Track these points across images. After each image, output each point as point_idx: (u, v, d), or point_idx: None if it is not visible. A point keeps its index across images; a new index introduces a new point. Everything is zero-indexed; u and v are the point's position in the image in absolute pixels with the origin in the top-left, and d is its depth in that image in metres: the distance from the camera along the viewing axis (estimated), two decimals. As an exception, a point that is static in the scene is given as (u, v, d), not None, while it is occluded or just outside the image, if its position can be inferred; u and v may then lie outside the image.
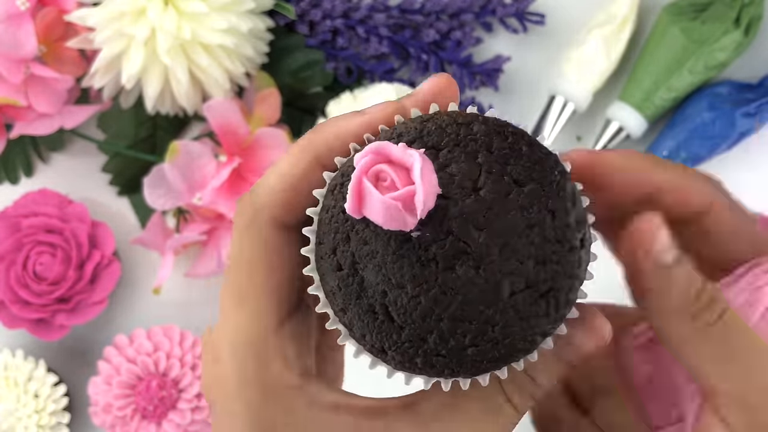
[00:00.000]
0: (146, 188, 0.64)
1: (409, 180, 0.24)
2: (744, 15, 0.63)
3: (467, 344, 0.25)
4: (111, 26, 0.60)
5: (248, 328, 0.29)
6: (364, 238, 0.26)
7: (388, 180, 0.24)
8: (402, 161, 0.24)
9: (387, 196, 0.24)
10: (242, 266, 0.29)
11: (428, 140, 0.27)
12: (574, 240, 0.27)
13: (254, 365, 0.28)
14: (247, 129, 0.64)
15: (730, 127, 0.63)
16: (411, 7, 0.67)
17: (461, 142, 0.27)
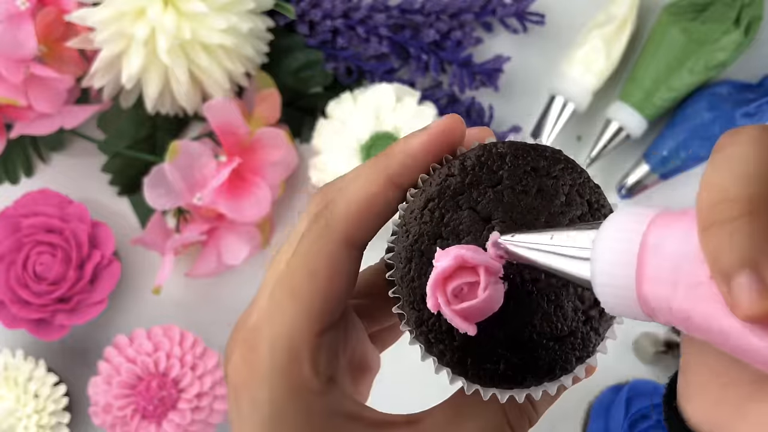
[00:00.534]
0: (146, 188, 0.64)
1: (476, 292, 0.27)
2: (744, 15, 0.63)
3: (517, 362, 0.29)
4: (111, 26, 0.60)
5: (294, 326, 0.30)
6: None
7: (463, 289, 0.27)
8: (473, 270, 0.27)
9: (451, 308, 0.27)
10: (305, 268, 0.30)
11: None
12: None
13: (288, 362, 0.29)
14: (247, 129, 0.64)
15: (730, 127, 0.63)
16: (411, 7, 0.67)
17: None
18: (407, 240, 0.29)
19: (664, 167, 0.65)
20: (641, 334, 0.66)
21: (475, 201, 0.29)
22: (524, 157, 0.29)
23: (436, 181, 0.29)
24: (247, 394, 0.30)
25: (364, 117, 0.63)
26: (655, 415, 0.60)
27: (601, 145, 0.66)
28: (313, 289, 0.30)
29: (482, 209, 0.28)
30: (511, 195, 0.29)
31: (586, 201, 0.29)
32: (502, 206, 0.28)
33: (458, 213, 0.29)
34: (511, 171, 0.29)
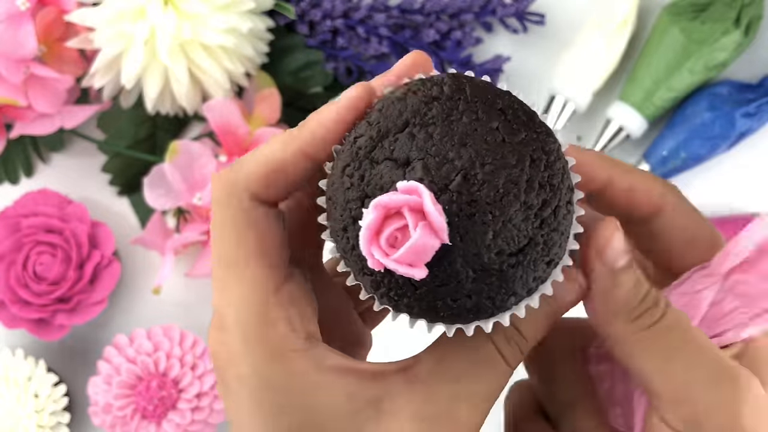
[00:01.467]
0: (146, 188, 0.64)
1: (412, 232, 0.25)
2: (744, 15, 0.63)
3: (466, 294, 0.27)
4: (111, 26, 0.60)
5: (248, 292, 0.29)
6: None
7: (397, 237, 0.26)
8: (402, 212, 0.26)
9: (392, 259, 0.25)
10: (229, 236, 0.30)
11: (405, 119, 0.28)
12: (568, 204, 0.28)
13: (258, 328, 0.29)
14: (247, 129, 0.64)
15: (730, 127, 0.63)
16: (411, 7, 0.67)
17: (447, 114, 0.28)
18: (336, 212, 0.28)
19: (664, 167, 0.65)
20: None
21: (389, 150, 0.27)
22: (422, 91, 0.28)
23: (347, 146, 0.28)
24: (231, 372, 0.29)
25: (364, 117, 0.63)
26: None
27: (601, 145, 0.66)
28: (248, 253, 0.29)
29: (398, 155, 0.27)
30: (421, 132, 0.27)
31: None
32: (415, 145, 0.27)
33: (376, 168, 0.27)
34: (414, 110, 0.27)
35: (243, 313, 0.29)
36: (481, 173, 0.26)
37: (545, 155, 0.27)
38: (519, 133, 0.27)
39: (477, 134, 0.27)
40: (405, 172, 0.27)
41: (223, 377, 0.30)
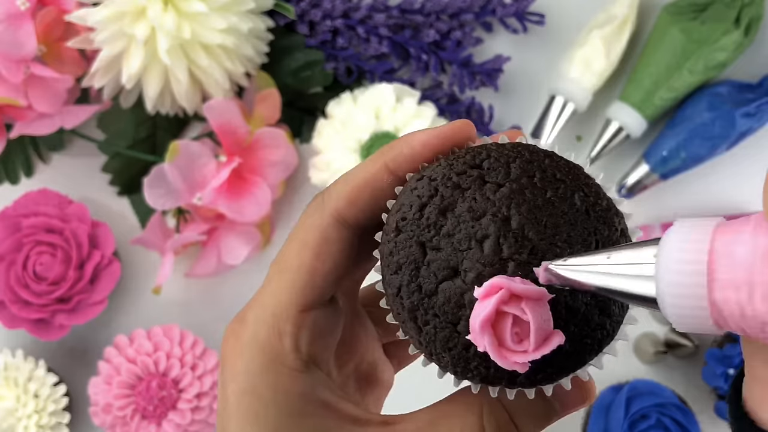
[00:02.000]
0: (146, 188, 0.64)
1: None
2: (744, 15, 0.63)
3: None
4: (111, 26, 0.60)
5: (277, 296, 0.30)
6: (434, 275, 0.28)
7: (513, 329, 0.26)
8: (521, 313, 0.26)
9: (509, 360, 0.26)
10: (294, 244, 0.30)
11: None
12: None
13: (268, 333, 0.29)
14: (247, 129, 0.64)
15: (730, 127, 0.63)
16: (411, 7, 0.67)
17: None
18: (396, 240, 0.28)
19: (664, 167, 0.65)
20: (641, 334, 0.66)
21: (481, 198, 0.27)
22: (535, 162, 0.29)
23: (435, 171, 0.28)
24: (228, 364, 0.30)
25: (364, 117, 0.63)
26: (654, 414, 0.60)
27: (601, 145, 0.66)
28: (300, 263, 0.30)
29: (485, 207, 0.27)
30: (519, 195, 0.27)
31: (604, 206, 0.29)
32: (515, 205, 0.27)
33: (454, 214, 0.28)
34: (521, 171, 0.28)
35: (263, 314, 0.30)
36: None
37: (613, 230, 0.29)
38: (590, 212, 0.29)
39: (574, 222, 0.28)
40: (496, 228, 0.27)
41: (223, 365, 0.30)
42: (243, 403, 0.29)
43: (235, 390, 0.29)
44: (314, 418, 0.29)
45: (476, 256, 0.27)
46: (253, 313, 0.30)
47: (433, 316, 0.27)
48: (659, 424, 0.60)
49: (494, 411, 0.29)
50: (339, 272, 0.30)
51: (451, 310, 0.27)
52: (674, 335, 0.65)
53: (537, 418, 0.30)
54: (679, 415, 0.60)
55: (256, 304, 0.30)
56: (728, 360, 0.61)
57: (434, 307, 0.27)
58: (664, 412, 0.60)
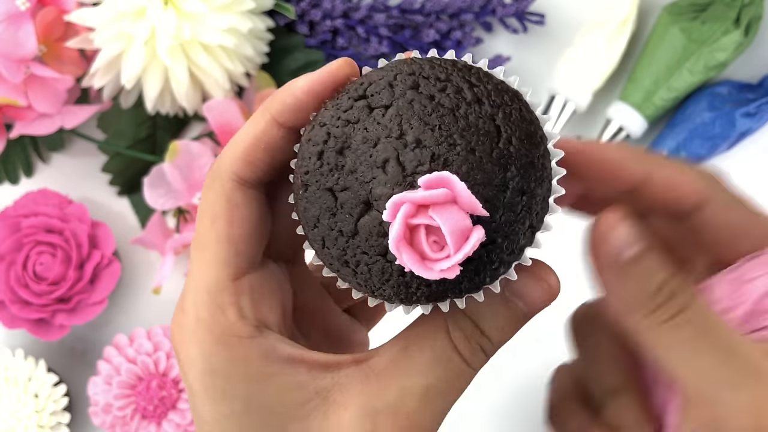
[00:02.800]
0: (146, 188, 0.64)
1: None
2: (744, 15, 0.63)
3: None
4: (111, 26, 0.60)
5: (206, 275, 0.30)
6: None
7: (429, 238, 0.26)
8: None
9: (433, 269, 0.25)
10: (205, 218, 0.31)
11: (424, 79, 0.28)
12: (543, 185, 0.28)
13: (209, 311, 0.29)
14: (247, 129, 0.64)
15: (730, 127, 0.63)
16: (411, 7, 0.67)
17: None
18: (306, 196, 0.28)
19: (664, 167, 0.65)
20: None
21: (372, 124, 0.28)
22: (416, 72, 0.29)
23: (324, 115, 0.28)
24: (181, 354, 0.30)
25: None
26: None
27: (601, 145, 0.66)
28: (217, 236, 0.30)
29: (390, 126, 0.27)
30: (407, 110, 0.28)
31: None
32: (405, 120, 0.27)
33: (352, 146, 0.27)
34: (403, 86, 0.28)
35: (198, 295, 0.30)
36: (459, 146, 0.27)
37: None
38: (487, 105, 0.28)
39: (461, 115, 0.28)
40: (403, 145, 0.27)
41: (178, 357, 0.30)
42: (207, 384, 0.29)
43: (195, 375, 0.29)
44: (282, 375, 0.29)
45: (382, 182, 0.27)
46: (190, 298, 0.30)
47: (362, 254, 0.27)
48: None
49: (459, 322, 0.29)
50: (259, 232, 0.30)
51: (376, 242, 0.27)
52: None
53: (505, 322, 0.29)
54: None
55: (189, 289, 0.30)
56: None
57: (359, 245, 0.27)
58: None
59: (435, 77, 0.29)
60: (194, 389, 0.29)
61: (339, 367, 0.29)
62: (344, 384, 0.29)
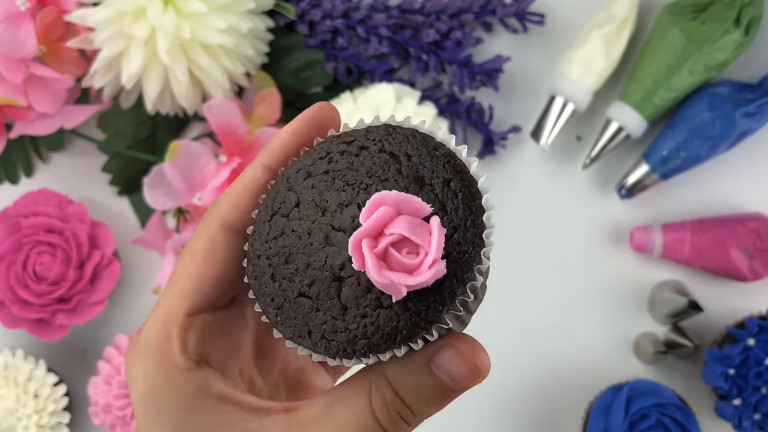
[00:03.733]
0: (146, 188, 0.64)
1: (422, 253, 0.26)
2: (744, 15, 0.63)
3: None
4: (111, 26, 0.60)
5: (166, 304, 0.32)
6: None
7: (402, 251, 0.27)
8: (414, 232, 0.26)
9: (420, 274, 0.26)
10: (186, 254, 0.32)
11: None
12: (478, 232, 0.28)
13: (158, 338, 0.31)
14: (247, 129, 0.64)
15: (730, 127, 0.63)
16: (411, 7, 0.67)
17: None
18: (261, 263, 0.29)
19: (664, 167, 0.65)
20: (641, 334, 0.66)
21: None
22: (357, 143, 0.30)
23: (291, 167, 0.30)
24: (129, 371, 0.32)
25: (364, 117, 0.63)
26: (654, 414, 0.60)
27: (601, 145, 0.66)
28: (188, 270, 0.31)
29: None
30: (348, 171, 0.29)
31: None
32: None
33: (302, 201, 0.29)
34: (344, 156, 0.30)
35: (154, 322, 0.32)
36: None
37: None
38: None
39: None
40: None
41: (126, 373, 0.32)
42: (145, 404, 0.31)
43: (137, 394, 0.31)
44: (212, 412, 0.30)
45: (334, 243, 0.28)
46: (148, 322, 0.32)
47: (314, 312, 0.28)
48: (659, 424, 0.60)
49: (380, 388, 0.29)
50: (229, 276, 0.32)
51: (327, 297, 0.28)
52: (674, 335, 0.65)
53: (427, 395, 0.29)
54: (679, 415, 0.60)
55: (151, 314, 0.32)
56: (728, 360, 0.61)
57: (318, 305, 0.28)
58: (664, 412, 0.60)
59: (379, 148, 0.30)
60: (136, 409, 0.31)
61: (268, 413, 0.30)
62: (268, 429, 0.30)
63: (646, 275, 0.67)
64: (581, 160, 0.68)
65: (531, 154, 0.69)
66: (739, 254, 0.63)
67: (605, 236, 0.68)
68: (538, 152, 0.69)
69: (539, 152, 0.69)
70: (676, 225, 0.65)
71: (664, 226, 0.66)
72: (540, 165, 0.69)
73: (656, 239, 0.65)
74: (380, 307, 0.27)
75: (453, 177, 0.28)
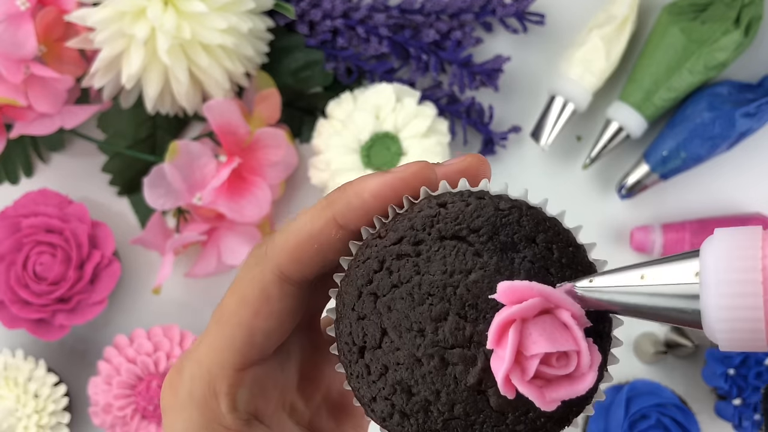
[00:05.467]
0: (146, 188, 0.64)
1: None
2: (744, 15, 0.63)
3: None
4: (111, 26, 0.60)
5: (213, 354, 0.29)
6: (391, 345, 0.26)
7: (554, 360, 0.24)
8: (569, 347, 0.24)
9: (549, 396, 0.24)
10: (235, 295, 0.29)
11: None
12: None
13: (203, 393, 0.29)
14: (247, 129, 0.64)
15: (730, 127, 0.63)
16: (411, 7, 0.67)
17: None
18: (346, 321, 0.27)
19: (664, 167, 0.65)
20: (641, 334, 0.66)
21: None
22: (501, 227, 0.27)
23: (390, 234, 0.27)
24: (167, 418, 0.29)
25: (364, 117, 0.63)
26: (654, 414, 0.60)
27: (601, 145, 0.66)
28: (239, 319, 0.28)
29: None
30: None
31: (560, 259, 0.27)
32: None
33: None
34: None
35: (198, 372, 0.29)
36: None
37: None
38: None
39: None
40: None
41: (163, 417, 0.30)
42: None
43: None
44: None
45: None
46: (190, 367, 0.29)
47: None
48: (659, 424, 0.60)
49: None
50: (283, 328, 0.29)
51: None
52: (674, 335, 0.65)
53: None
54: (679, 415, 0.60)
55: (194, 357, 0.29)
56: (728, 360, 0.61)
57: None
58: (664, 412, 0.60)
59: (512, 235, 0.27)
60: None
61: None
62: None
63: (646, 275, 0.67)
64: (581, 160, 0.68)
65: (531, 154, 0.69)
66: (739, 254, 0.63)
67: (605, 236, 0.68)
68: (538, 152, 0.69)
69: (539, 152, 0.69)
70: (676, 225, 0.65)
71: (664, 226, 0.66)
72: (540, 165, 0.69)
73: (656, 239, 0.65)
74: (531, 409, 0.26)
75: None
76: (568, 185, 0.68)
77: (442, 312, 0.25)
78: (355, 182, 0.28)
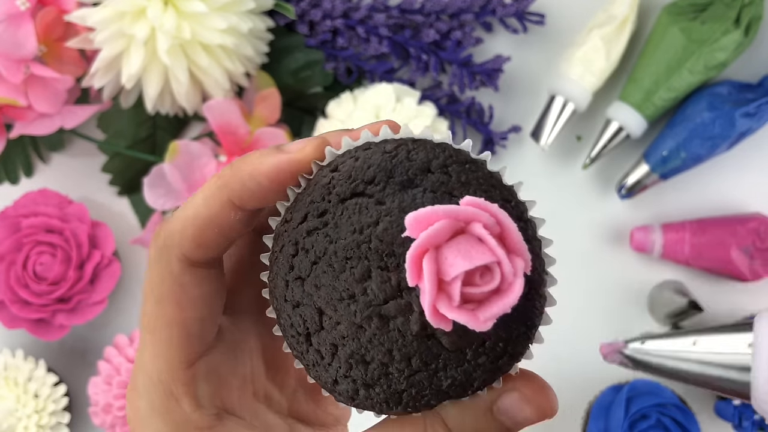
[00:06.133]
0: (146, 188, 0.64)
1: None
2: (744, 15, 0.63)
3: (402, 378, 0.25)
4: (111, 26, 0.60)
5: (157, 361, 0.28)
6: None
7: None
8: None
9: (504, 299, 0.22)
10: (151, 297, 0.28)
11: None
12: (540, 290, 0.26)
13: (162, 401, 0.28)
14: (247, 129, 0.64)
15: (730, 127, 0.63)
16: (411, 7, 0.67)
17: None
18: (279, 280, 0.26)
19: (664, 167, 0.65)
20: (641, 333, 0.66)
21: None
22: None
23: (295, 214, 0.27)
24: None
25: (364, 117, 0.63)
26: (654, 414, 0.60)
27: (601, 145, 0.66)
28: (166, 319, 0.28)
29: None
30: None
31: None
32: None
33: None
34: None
35: (150, 381, 0.28)
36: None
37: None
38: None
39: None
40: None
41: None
42: None
43: None
44: None
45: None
46: (142, 380, 0.28)
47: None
48: (659, 424, 0.60)
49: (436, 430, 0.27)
50: (213, 310, 0.29)
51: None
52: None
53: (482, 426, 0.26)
54: (679, 415, 0.60)
55: (142, 370, 0.28)
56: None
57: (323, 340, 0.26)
58: (664, 412, 0.60)
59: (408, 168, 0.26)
60: None
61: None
62: None
63: (646, 275, 0.67)
64: (581, 160, 0.68)
65: (531, 154, 0.69)
66: (739, 254, 0.63)
67: (605, 236, 0.68)
68: (538, 152, 0.69)
69: (539, 152, 0.69)
70: (676, 225, 0.65)
71: (664, 226, 0.65)
72: (540, 165, 0.69)
73: (656, 239, 0.65)
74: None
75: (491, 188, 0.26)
76: (568, 185, 0.68)
77: (363, 271, 0.25)
78: (247, 161, 0.27)
